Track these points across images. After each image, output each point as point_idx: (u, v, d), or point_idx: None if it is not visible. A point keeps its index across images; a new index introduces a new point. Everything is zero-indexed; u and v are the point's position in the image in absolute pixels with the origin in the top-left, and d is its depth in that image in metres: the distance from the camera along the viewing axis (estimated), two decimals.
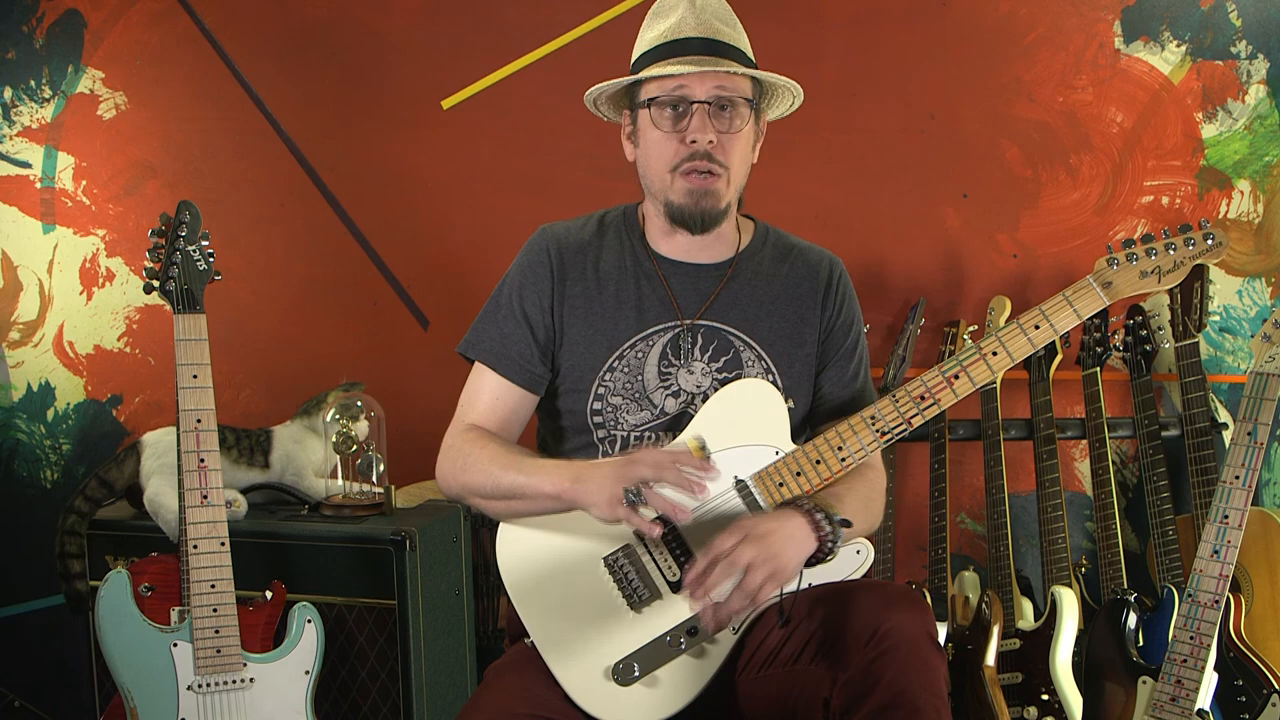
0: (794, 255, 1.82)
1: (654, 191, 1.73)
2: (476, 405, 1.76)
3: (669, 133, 1.67)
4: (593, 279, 1.76)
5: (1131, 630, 2.20)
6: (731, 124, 1.67)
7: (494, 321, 1.77)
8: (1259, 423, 1.99)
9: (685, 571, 1.50)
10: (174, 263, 2.08)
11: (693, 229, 1.71)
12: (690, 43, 1.66)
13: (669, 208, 1.71)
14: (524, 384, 1.75)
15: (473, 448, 1.69)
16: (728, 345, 1.74)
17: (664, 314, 1.74)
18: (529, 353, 1.75)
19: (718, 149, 1.66)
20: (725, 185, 1.69)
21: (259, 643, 2.11)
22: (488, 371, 1.76)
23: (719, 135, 1.66)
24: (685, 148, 1.66)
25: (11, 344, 3.09)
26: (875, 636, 1.42)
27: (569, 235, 1.79)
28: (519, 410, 1.77)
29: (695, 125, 1.65)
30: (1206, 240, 1.66)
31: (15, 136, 3.05)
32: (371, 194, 2.94)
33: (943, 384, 1.64)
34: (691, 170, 1.67)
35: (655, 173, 1.71)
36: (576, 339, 1.74)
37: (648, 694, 1.55)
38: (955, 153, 2.73)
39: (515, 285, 1.77)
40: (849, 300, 1.82)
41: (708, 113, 1.65)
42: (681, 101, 1.66)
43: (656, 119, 1.67)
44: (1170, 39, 2.62)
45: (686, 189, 1.68)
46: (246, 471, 2.40)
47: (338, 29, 2.91)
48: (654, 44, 1.69)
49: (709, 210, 1.69)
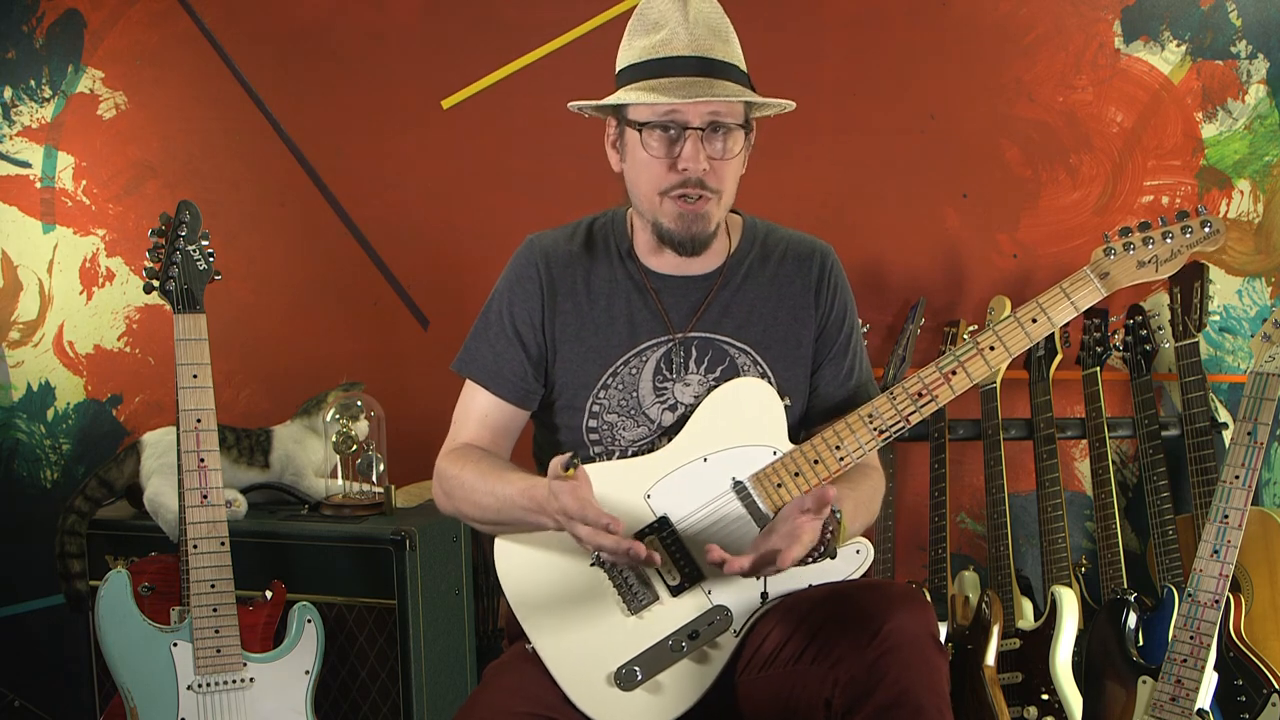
0: (783, 250, 1.77)
1: (643, 210, 1.69)
2: (468, 424, 1.76)
3: (660, 157, 1.60)
4: (583, 294, 1.73)
5: (1131, 630, 2.20)
6: (725, 149, 1.61)
7: (485, 339, 1.75)
8: (1259, 423, 1.98)
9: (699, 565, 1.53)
10: (174, 262, 2.08)
11: (681, 252, 1.67)
12: (682, 62, 1.58)
13: (658, 229, 1.66)
14: (516, 401, 1.74)
15: (457, 471, 1.68)
16: (723, 355, 1.72)
17: (655, 328, 1.72)
18: (522, 370, 1.73)
19: (710, 175, 1.60)
20: (716, 208, 1.64)
21: (259, 643, 2.11)
22: (479, 390, 1.75)
23: (711, 162, 1.60)
24: (676, 174, 1.60)
25: (11, 344, 3.09)
26: (878, 636, 1.42)
27: (557, 248, 1.75)
28: (510, 426, 1.76)
29: (688, 154, 1.58)
30: (1204, 228, 1.63)
31: (15, 136, 3.06)
32: (371, 194, 2.93)
33: (940, 380, 1.63)
34: (682, 196, 1.61)
35: (644, 194, 1.66)
36: (569, 356, 1.72)
37: (651, 699, 1.55)
38: (955, 153, 2.72)
39: (505, 301, 1.75)
40: (841, 292, 1.78)
41: (700, 138, 1.58)
42: (674, 126, 1.58)
43: (647, 143, 1.60)
44: (1170, 39, 2.62)
45: (677, 213, 1.63)
46: (246, 471, 2.40)
47: (337, 29, 2.91)
48: (643, 57, 1.61)
49: (699, 234, 1.64)
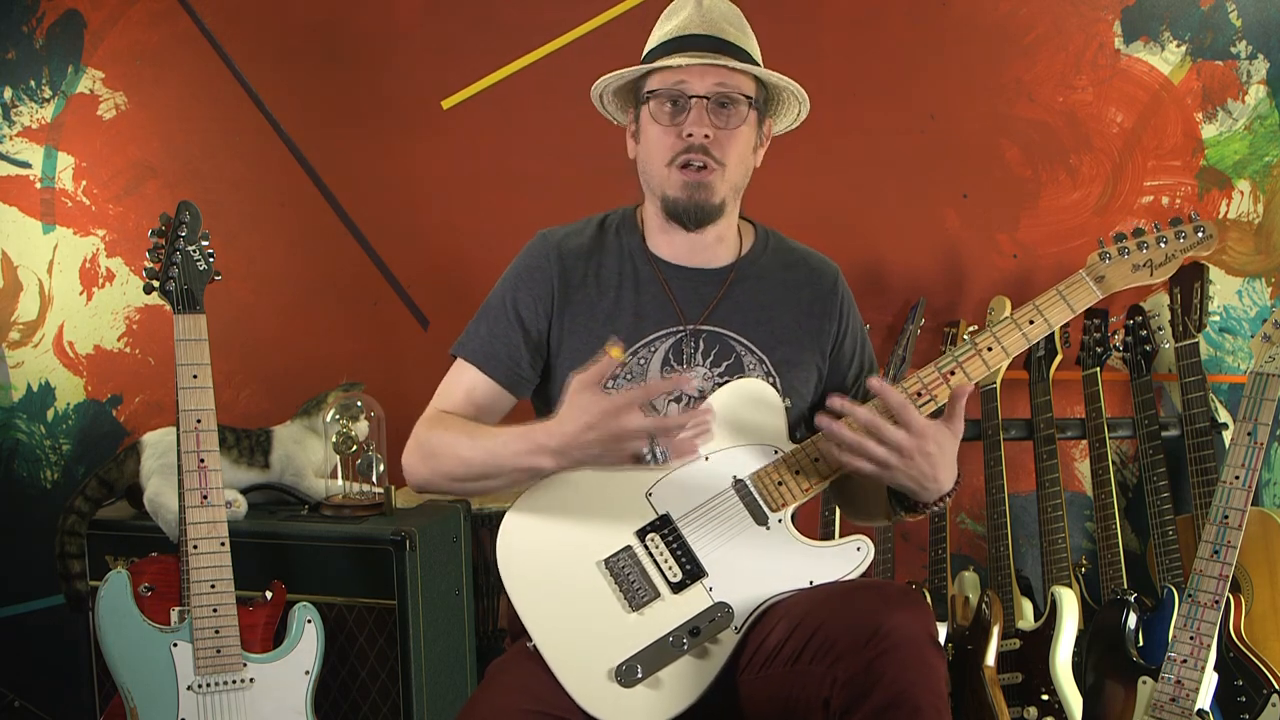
0: (795, 260, 1.83)
1: (652, 186, 1.74)
2: (451, 396, 1.76)
3: (667, 126, 1.68)
4: (594, 285, 1.76)
5: (1131, 630, 2.20)
6: (729, 120, 1.67)
7: (484, 321, 1.77)
8: (1259, 423, 1.99)
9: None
10: (174, 263, 2.08)
11: (687, 224, 1.71)
12: (694, 39, 1.67)
13: (664, 202, 1.71)
14: (506, 383, 1.75)
15: (440, 431, 1.68)
16: (730, 350, 1.74)
17: (666, 319, 1.74)
18: (517, 353, 1.74)
19: (714, 144, 1.66)
20: (720, 180, 1.69)
21: (259, 643, 2.11)
22: (468, 367, 1.76)
23: (716, 131, 1.66)
24: (681, 141, 1.67)
25: (11, 344, 3.09)
26: (876, 636, 1.42)
27: (570, 241, 1.79)
28: (495, 407, 1.76)
29: (692, 119, 1.66)
30: (1197, 233, 1.67)
31: (15, 136, 3.06)
32: (371, 194, 2.93)
33: (939, 380, 1.63)
34: (686, 163, 1.67)
35: (653, 167, 1.71)
36: (579, 346, 1.73)
37: (651, 695, 1.55)
38: (955, 153, 2.72)
39: (510, 287, 1.77)
40: (852, 309, 1.84)
41: (706, 108, 1.66)
42: (680, 95, 1.67)
43: (655, 113, 1.68)
44: (1170, 39, 2.62)
45: (682, 182, 1.68)
46: (246, 471, 2.39)
47: (338, 29, 2.91)
48: (660, 40, 1.71)
49: (703, 204, 1.69)
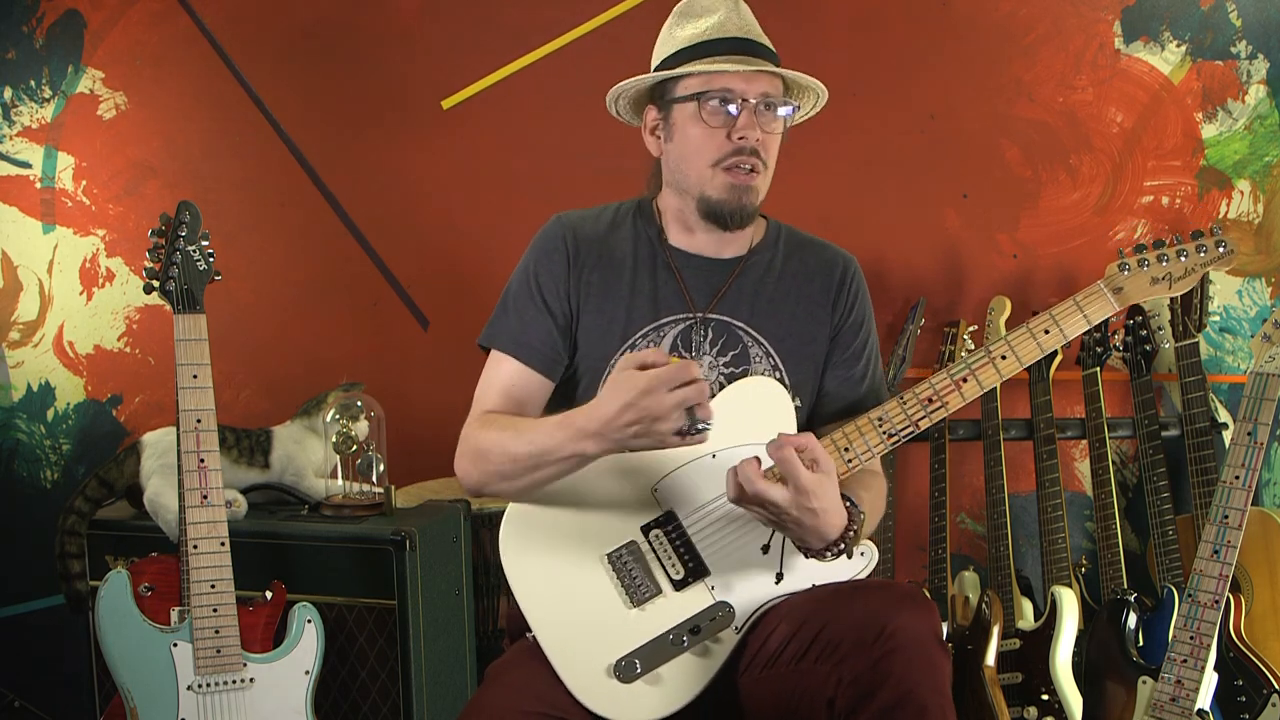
0: (806, 251, 1.83)
1: (687, 186, 1.73)
2: (489, 395, 1.74)
3: (715, 128, 1.68)
4: (608, 266, 1.76)
5: (1131, 630, 2.20)
6: (774, 124, 1.70)
7: (513, 310, 1.76)
8: (1259, 423, 1.98)
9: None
10: (174, 263, 2.08)
11: (727, 225, 1.72)
12: (735, 42, 1.69)
13: (704, 203, 1.72)
14: (543, 370, 1.74)
15: (488, 432, 1.66)
16: (736, 340, 1.74)
17: (676, 305, 1.74)
18: (550, 338, 1.74)
19: (762, 147, 1.69)
20: (763, 182, 1.72)
21: (259, 643, 2.11)
22: (505, 359, 1.74)
23: (763, 135, 1.69)
24: (731, 143, 1.67)
25: (11, 344, 3.09)
26: (881, 636, 1.42)
27: (584, 223, 1.79)
28: (534, 398, 1.75)
29: (745, 122, 1.67)
30: (1219, 248, 1.66)
31: (15, 136, 3.05)
32: (371, 194, 2.93)
33: (950, 387, 1.64)
34: (735, 165, 1.68)
35: (695, 168, 1.71)
36: (590, 326, 1.74)
37: (650, 691, 1.55)
38: (955, 153, 2.72)
39: (532, 272, 1.77)
40: (861, 301, 1.83)
41: (753, 111, 1.68)
42: (734, 98, 1.67)
43: (706, 115, 1.68)
44: (1170, 39, 2.62)
45: (729, 184, 1.69)
46: (246, 471, 2.39)
47: (338, 29, 2.91)
48: (693, 41, 1.70)
49: (748, 206, 1.71)
